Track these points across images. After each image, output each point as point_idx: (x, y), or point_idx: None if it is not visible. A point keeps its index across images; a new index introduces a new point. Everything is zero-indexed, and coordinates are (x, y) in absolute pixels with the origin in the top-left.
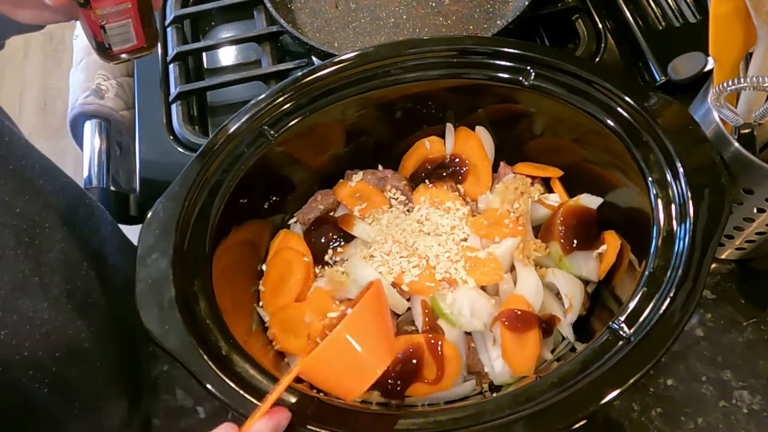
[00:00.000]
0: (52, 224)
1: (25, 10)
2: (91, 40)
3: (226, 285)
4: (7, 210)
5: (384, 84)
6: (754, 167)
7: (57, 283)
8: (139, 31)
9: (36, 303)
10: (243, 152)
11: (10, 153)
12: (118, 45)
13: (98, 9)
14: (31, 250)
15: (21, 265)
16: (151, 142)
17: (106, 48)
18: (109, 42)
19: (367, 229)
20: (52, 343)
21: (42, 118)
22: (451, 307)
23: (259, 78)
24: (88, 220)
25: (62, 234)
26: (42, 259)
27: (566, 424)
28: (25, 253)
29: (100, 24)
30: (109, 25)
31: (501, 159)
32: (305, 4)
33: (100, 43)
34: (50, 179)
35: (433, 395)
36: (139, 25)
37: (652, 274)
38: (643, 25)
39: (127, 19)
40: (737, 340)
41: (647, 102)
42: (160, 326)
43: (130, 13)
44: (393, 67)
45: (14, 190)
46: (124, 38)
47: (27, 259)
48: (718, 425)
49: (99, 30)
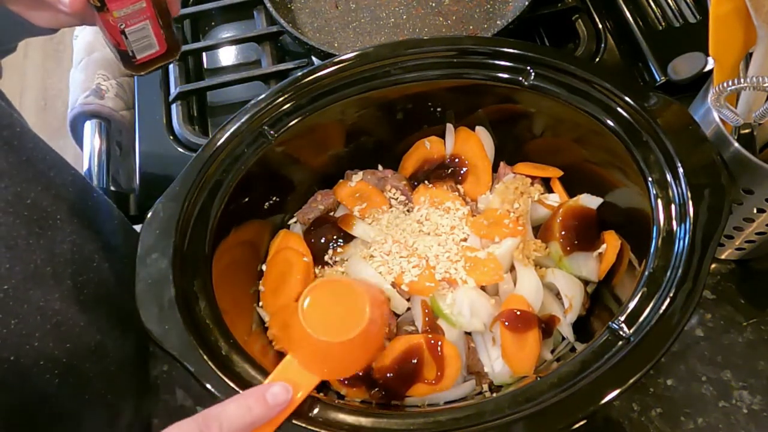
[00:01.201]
0: (63, 216)
1: (41, 13)
2: (114, 52)
3: (226, 285)
4: (19, 200)
5: (384, 84)
6: (754, 167)
7: (69, 274)
8: (159, 35)
9: (47, 294)
10: (243, 152)
11: (22, 144)
12: (141, 52)
13: (115, 11)
14: (42, 241)
15: (33, 255)
16: (151, 142)
17: (130, 57)
18: (132, 49)
19: (367, 229)
20: (63, 335)
21: (42, 118)
22: (451, 307)
23: (259, 78)
24: (97, 213)
25: (73, 227)
26: (54, 250)
27: (566, 424)
28: (37, 244)
29: (120, 28)
30: (129, 29)
31: (501, 159)
32: (305, 4)
33: (124, 53)
34: (59, 172)
35: (433, 395)
36: (158, 28)
37: (652, 274)
38: (643, 25)
39: (144, 20)
40: (737, 340)
41: (647, 102)
42: (160, 326)
43: (146, 13)
44: (393, 67)
45: (26, 180)
46: (146, 44)
47: (39, 250)
48: (718, 425)
49: (120, 36)
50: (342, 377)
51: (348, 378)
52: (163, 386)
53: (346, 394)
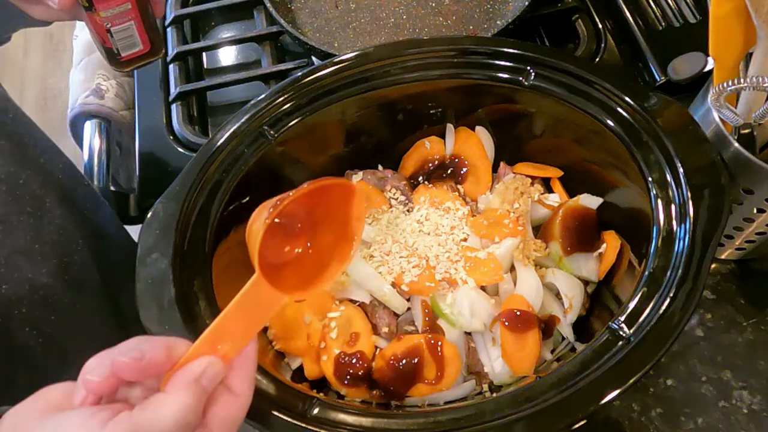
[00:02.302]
0: (52, 201)
1: (35, 6)
2: (101, 49)
3: (226, 285)
4: (13, 180)
5: (384, 84)
6: (754, 167)
7: (55, 255)
8: (143, 35)
9: (35, 268)
10: (243, 152)
11: (15, 128)
12: (125, 50)
13: (102, 11)
14: (32, 220)
15: (23, 232)
16: (151, 142)
17: (115, 54)
18: (117, 47)
19: (367, 229)
20: (50, 307)
21: (42, 118)
22: (451, 308)
23: (259, 78)
24: (86, 202)
25: (61, 211)
26: (42, 230)
27: (566, 424)
28: (27, 222)
29: (106, 27)
30: (115, 27)
31: (501, 159)
32: (305, 4)
33: (109, 50)
34: (50, 158)
35: (433, 395)
36: (142, 28)
37: (652, 274)
38: (643, 25)
39: (129, 21)
40: (737, 340)
41: (647, 102)
42: (160, 326)
43: (131, 14)
44: (393, 67)
45: (18, 163)
46: (130, 42)
47: (29, 228)
48: (718, 425)
49: (106, 34)
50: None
51: (348, 378)
52: None
53: (346, 394)
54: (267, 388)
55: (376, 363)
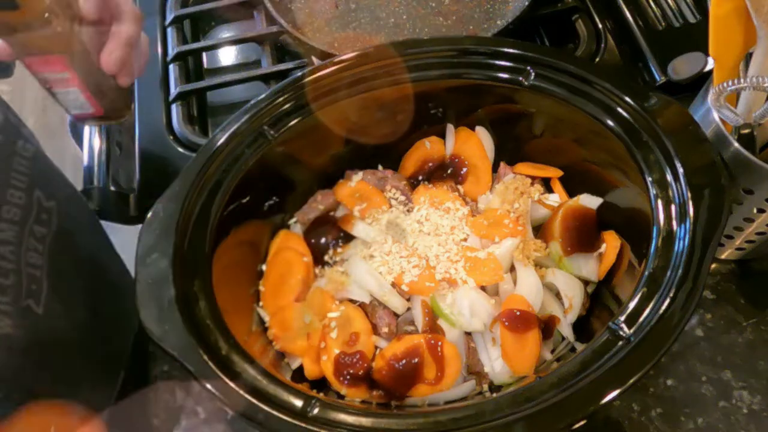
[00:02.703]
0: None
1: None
2: None
3: (226, 285)
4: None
5: (384, 84)
6: (754, 167)
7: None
8: (93, 101)
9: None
10: (243, 152)
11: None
12: (73, 110)
13: (36, 73)
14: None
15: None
16: (151, 142)
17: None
18: (64, 106)
19: (367, 229)
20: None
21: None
22: (451, 307)
23: (259, 78)
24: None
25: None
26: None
27: (566, 424)
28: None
29: (46, 87)
30: (55, 89)
31: (501, 159)
32: (305, 4)
33: None
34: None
35: (433, 395)
36: (89, 96)
37: (652, 274)
38: (643, 25)
39: (73, 88)
40: (737, 340)
41: (647, 102)
42: (160, 326)
43: (73, 83)
44: (393, 67)
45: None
46: (77, 104)
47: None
48: (718, 425)
49: (48, 92)
50: None
51: (348, 378)
52: (163, 386)
53: (346, 394)
54: (267, 388)
55: (376, 363)
